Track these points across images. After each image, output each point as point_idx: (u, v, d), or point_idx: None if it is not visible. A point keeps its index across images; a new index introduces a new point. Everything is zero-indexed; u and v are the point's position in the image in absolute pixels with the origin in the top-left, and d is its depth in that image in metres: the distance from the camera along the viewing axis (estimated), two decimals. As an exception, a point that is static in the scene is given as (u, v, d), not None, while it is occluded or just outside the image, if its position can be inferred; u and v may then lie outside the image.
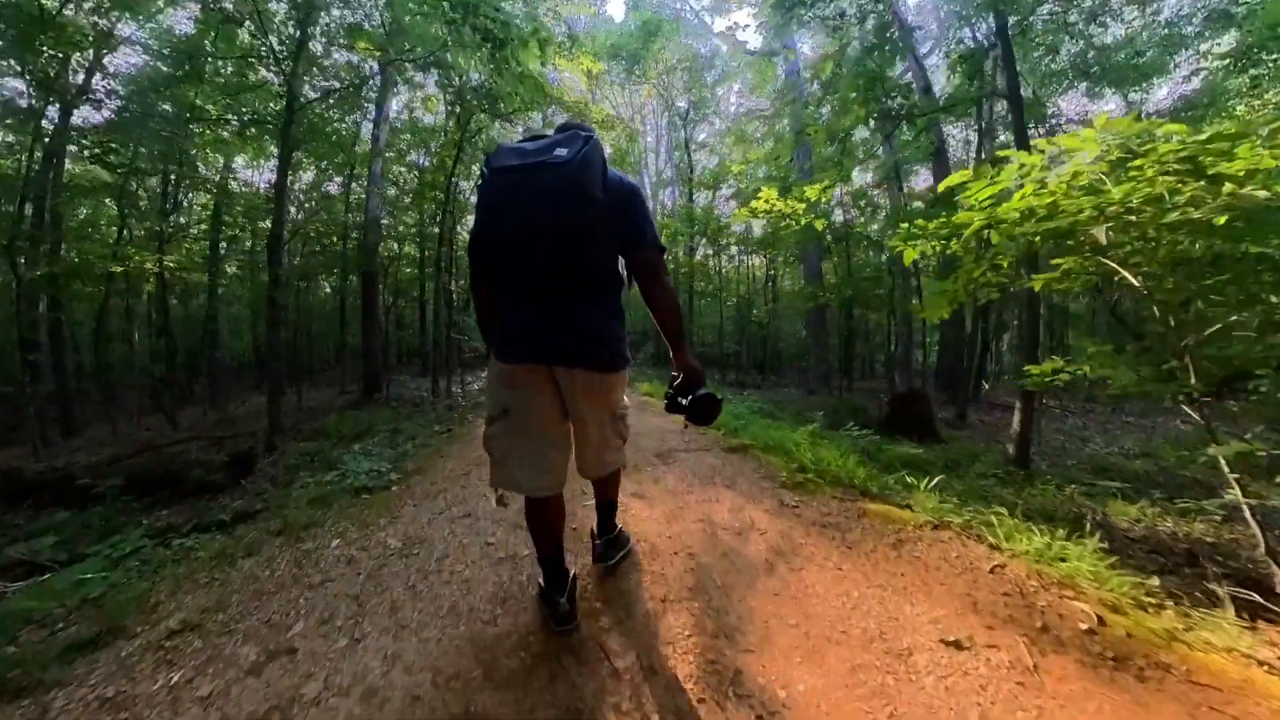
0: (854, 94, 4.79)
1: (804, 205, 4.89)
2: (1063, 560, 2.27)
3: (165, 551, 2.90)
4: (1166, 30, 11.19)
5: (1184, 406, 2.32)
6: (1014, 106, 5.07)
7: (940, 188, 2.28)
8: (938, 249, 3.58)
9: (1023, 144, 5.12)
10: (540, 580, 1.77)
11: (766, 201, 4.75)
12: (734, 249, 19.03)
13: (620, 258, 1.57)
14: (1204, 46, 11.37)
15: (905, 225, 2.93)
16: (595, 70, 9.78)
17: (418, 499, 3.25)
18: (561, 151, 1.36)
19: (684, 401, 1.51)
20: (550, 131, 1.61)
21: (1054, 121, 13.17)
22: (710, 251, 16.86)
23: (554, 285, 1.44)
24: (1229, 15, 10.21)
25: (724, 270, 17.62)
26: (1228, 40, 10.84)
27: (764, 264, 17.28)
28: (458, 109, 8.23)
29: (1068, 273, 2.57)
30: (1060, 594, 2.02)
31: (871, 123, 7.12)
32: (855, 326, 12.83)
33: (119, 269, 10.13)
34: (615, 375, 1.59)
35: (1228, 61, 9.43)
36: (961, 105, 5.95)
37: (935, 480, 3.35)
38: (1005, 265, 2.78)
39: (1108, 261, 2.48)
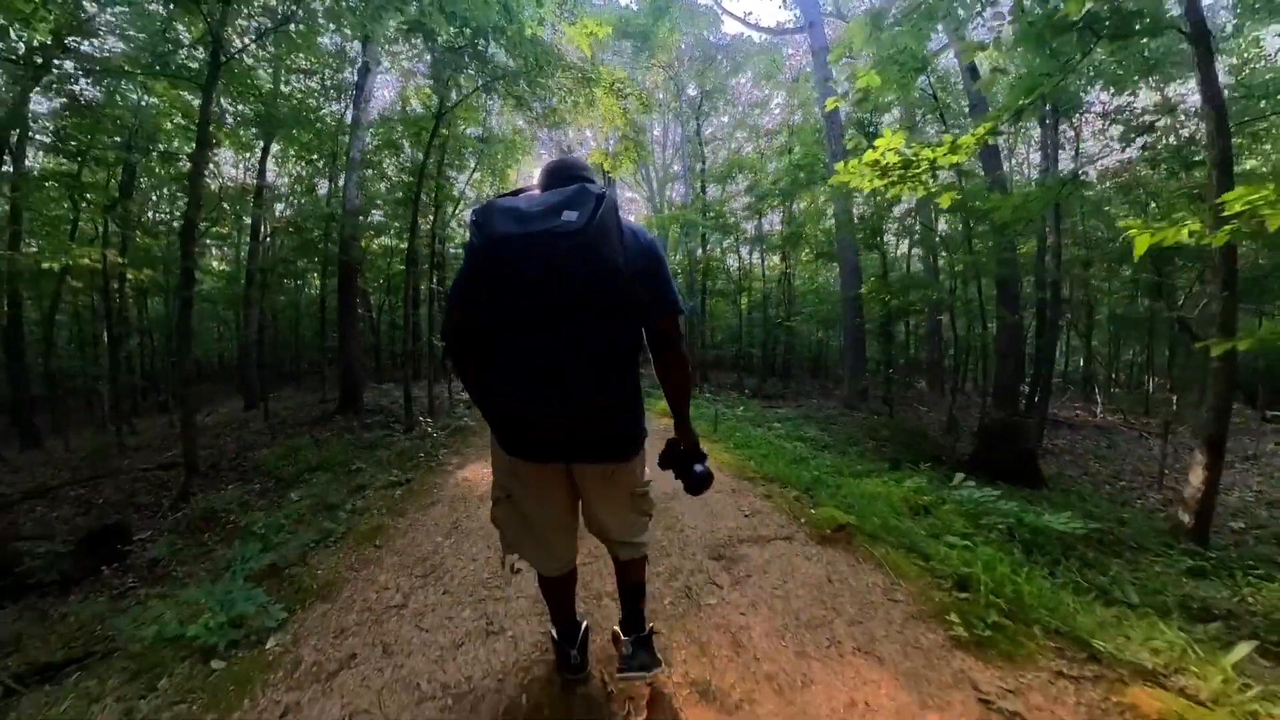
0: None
1: (956, 157, 3.31)
2: None
3: None
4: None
5: None
6: (1199, 44, 3.53)
7: None
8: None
9: (1213, 97, 3.59)
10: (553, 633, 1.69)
11: (884, 153, 3.16)
12: (742, 249, 17.51)
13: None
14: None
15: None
16: (601, 35, 8.20)
17: (299, 685, 1.71)
18: (571, 215, 1.10)
19: (684, 474, 1.44)
20: (537, 182, 1.42)
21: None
22: (723, 247, 15.35)
23: (568, 372, 1.16)
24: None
25: (741, 267, 16.00)
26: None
27: (779, 263, 15.69)
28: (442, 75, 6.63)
29: None
30: None
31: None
32: (893, 332, 11.26)
33: (52, 265, 8.53)
34: (637, 458, 1.41)
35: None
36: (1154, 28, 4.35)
37: (1241, 652, 1.82)
38: None
39: None
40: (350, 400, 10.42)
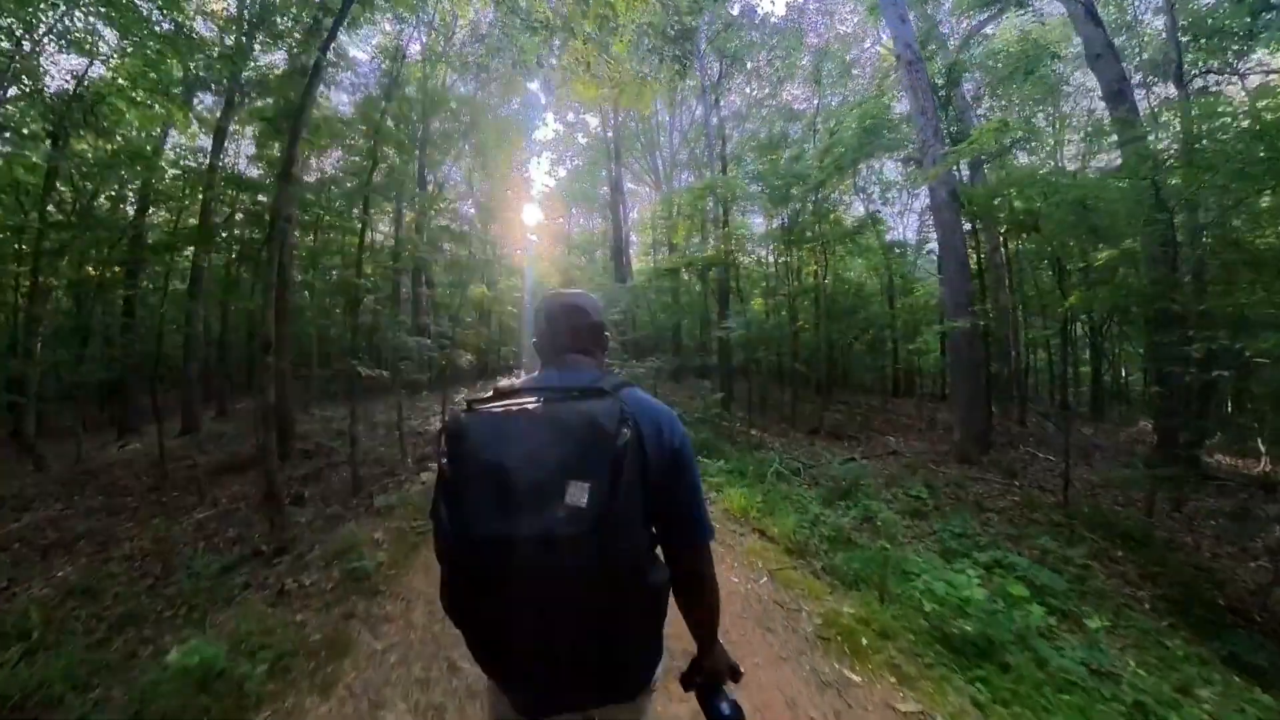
0: None
1: None
2: None
3: None
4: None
5: None
6: None
7: None
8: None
9: None
10: None
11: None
12: (759, 247, 14.48)
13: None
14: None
15: None
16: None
17: None
18: (579, 494, 0.72)
19: (707, 706, 0.95)
20: (534, 326, 1.08)
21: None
22: (743, 232, 12.29)
23: (576, 651, 0.80)
24: None
25: (784, 265, 12.87)
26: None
27: (796, 260, 12.55)
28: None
29: None
30: None
31: None
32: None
33: None
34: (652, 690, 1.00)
35: None
36: None
37: None
38: None
39: None
40: (278, 436, 7.35)
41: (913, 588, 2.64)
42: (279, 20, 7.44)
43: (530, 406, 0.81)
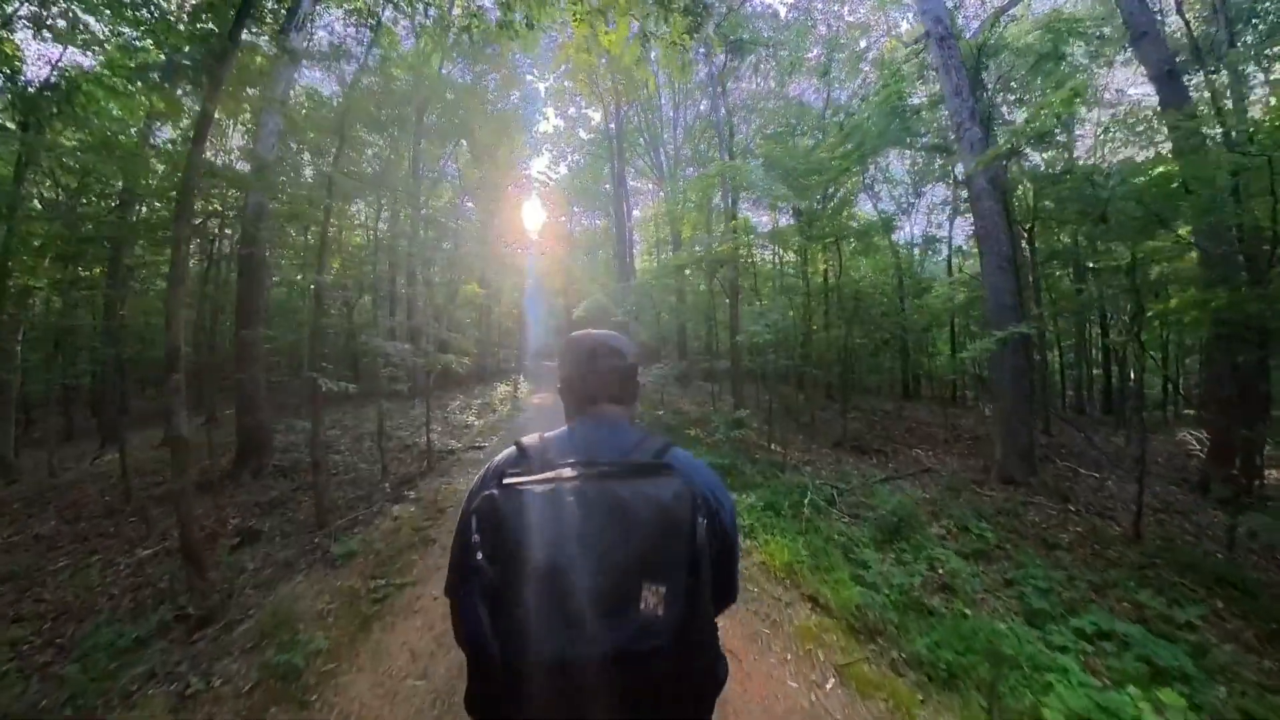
0: None
1: None
2: None
3: None
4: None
5: None
6: None
7: None
8: None
9: None
10: None
11: None
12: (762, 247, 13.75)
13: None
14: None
15: None
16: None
17: None
18: (653, 602, 0.61)
19: None
20: (559, 369, 0.95)
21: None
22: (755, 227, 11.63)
23: None
24: None
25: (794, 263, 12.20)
26: None
27: (800, 258, 11.88)
28: None
29: None
30: None
31: None
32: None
33: None
34: None
35: None
36: None
37: None
38: None
39: None
40: (251, 452, 6.70)
41: (1020, 684, 1.95)
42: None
43: (583, 486, 0.67)
